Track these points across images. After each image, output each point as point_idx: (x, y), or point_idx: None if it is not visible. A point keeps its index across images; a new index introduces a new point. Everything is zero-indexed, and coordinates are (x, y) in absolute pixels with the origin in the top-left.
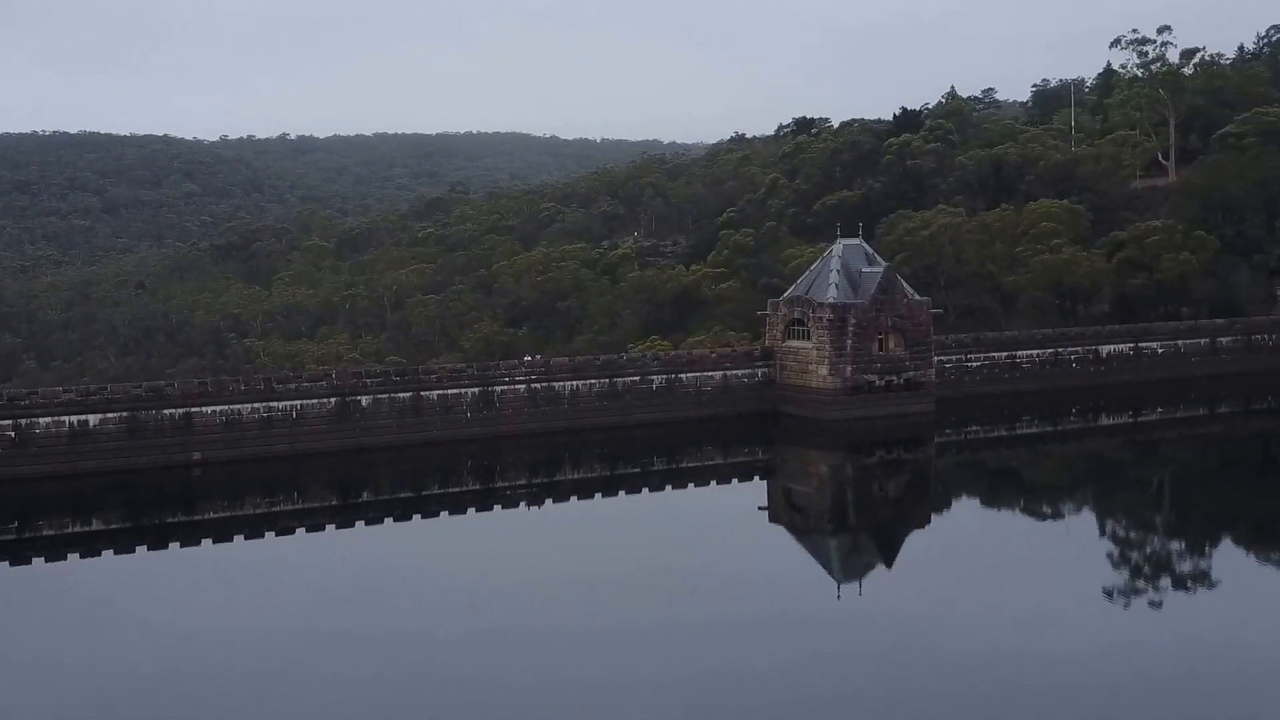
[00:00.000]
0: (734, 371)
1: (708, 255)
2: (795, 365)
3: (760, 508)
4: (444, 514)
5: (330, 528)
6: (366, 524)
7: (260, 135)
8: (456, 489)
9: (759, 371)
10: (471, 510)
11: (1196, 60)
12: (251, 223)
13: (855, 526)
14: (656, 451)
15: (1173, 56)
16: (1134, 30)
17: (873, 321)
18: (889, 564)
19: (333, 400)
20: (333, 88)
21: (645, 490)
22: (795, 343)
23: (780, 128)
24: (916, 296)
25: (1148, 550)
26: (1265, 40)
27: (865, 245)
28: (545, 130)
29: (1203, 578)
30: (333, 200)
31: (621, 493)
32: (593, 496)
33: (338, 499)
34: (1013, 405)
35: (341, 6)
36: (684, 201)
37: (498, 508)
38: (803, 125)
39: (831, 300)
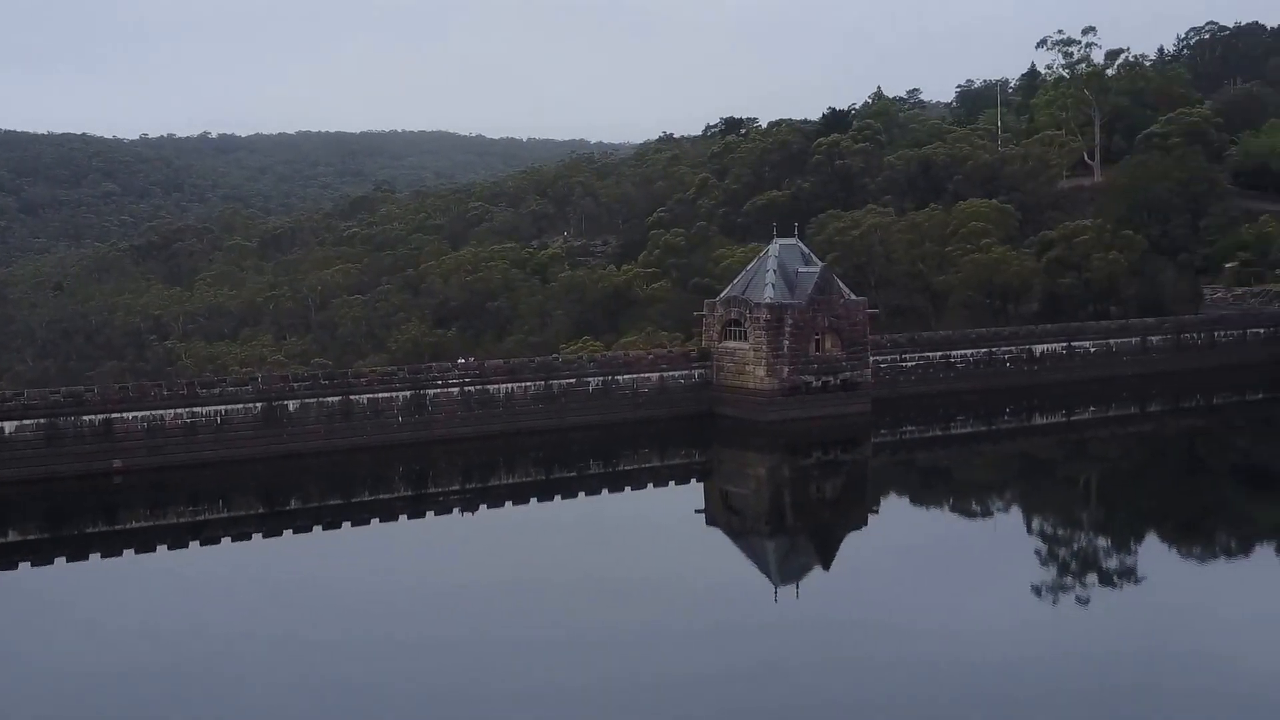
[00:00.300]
0: (671, 373)
1: (638, 255)
2: (732, 366)
3: (697, 511)
4: (375, 521)
5: (257, 537)
6: (295, 532)
7: (181, 134)
8: (388, 495)
9: (696, 373)
10: (403, 517)
11: (1120, 61)
12: (172, 222)
13: (793, 528)
14: (593, 454)
15: (1098, 57)
16: (1060, 31)
17: (810, 322)
18: (826, 566)
19: (259, 405)
20: (255, 86)
21: (582, 494)
22: (732, 343)
23: (708, 128)
24: (853, 296)
25: (1076, 548)
26: (1184, 43)
27: (801, 245)
28: (471, 129)
29: (1129, 574)
30: (255, 199)
31: (557, 497)
32: (528, 501)
33: (265, 507)
34: (948, 405)
35: (262, 3)
36: (614, 201)
37: (430, 514)
38: (731, 125)
39: (768, 300)
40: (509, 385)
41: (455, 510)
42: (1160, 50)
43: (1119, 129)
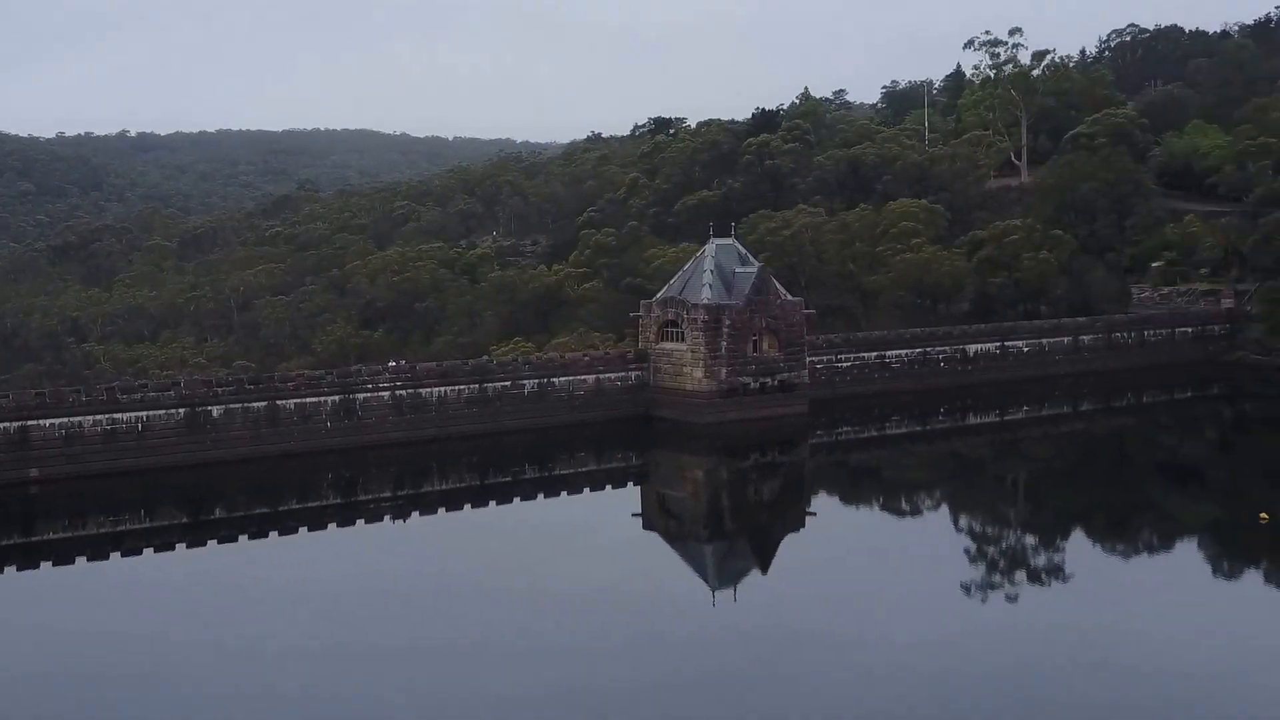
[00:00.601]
0: (607, 375)
1: (569, 255)
2: (670, 368)
3: (634, 515)
4: (302, 530)
5: (180, 547)
6: (219, 543)
7: (99, 132)
8: (316, 503)
9: (633, 374)
10: (332, 526)
11: (1047, 62)
12: (90, 222)
13: (731, 532)
14: (529, 459)
15: (1024, 58)
16: (987, 32)
17: (747, 323)
18: (764, 569)
19: (181, 411)
20: (174, 84)
21: (517, 500)
22: (670, 345)
23: (636, 127)
24: (790, 297)
25: (1006, 547)
26: (1105, 44)
27: (739, 245)
28: (395, 128)
29: (1058, 572)
30: (175, 199)
31: (492, 503)
32: (461, 508)
33: (188, 516)
34: (883, 405)
35: (180, 0)
36: (543, 201)
37: (360, 522)
38: (660, 125)
39: (706, 301)
40: (442, 388)
41: (386, 518)
42: (1082, 52)
43: (1044, 130)
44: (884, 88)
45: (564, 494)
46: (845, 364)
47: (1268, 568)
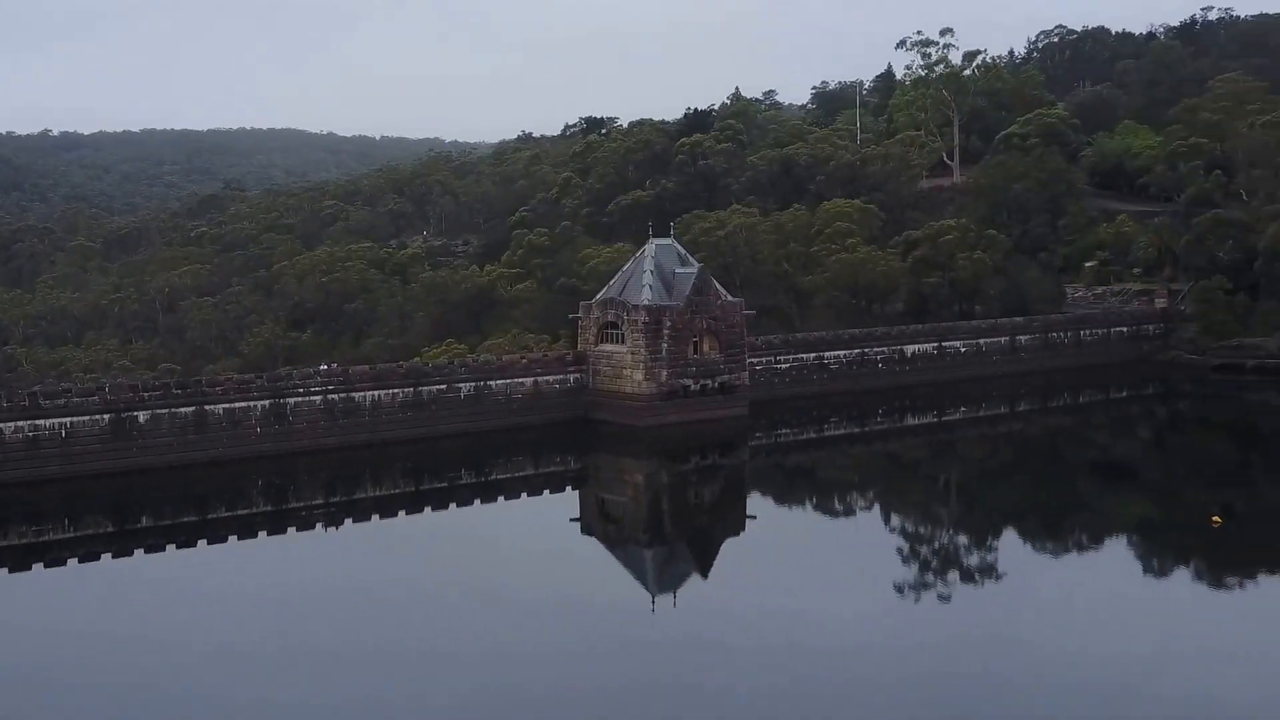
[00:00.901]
0: (545, 378)
1: (502, 255)
2: (609, 370)
3: (572, 519)
4: (232, 539)
5: (105, 557)
6: (146, 552)
7: (20, 131)
8: (246, 511)
9: (571, 377)
10: (263, 534)
11: (978, 62)
12: (12, 223)
13: (671, 536)
14: (465, 464)
15: (956, 58)
16: (919, 32)
17: (688, 324)
18: (705, 574)
19: (107, 417)
20: (97, 83)
21: (453, 505)
22: (609, 346)
23: (567, 127)
24: (730, 298)
25: (939, 547)
26: (1034, 45)
27: (678, 245)
28: (322, 127)
29: (991, 571)
30: (99, 199)
31: (427, 509)
32: (396, 514)
33: (114, 525)
34: (821, 407)
35: None
36: (474, 200)
37: (292, 530)
38: (592, 125)
39: (646, 302)
40: (375, 392)
41: (319, 525)
42: (1011, 53)
43: (975, 130)
44: (814, 88)
45: (501, 499)
46: (784, 365)
47: (1202, 568)
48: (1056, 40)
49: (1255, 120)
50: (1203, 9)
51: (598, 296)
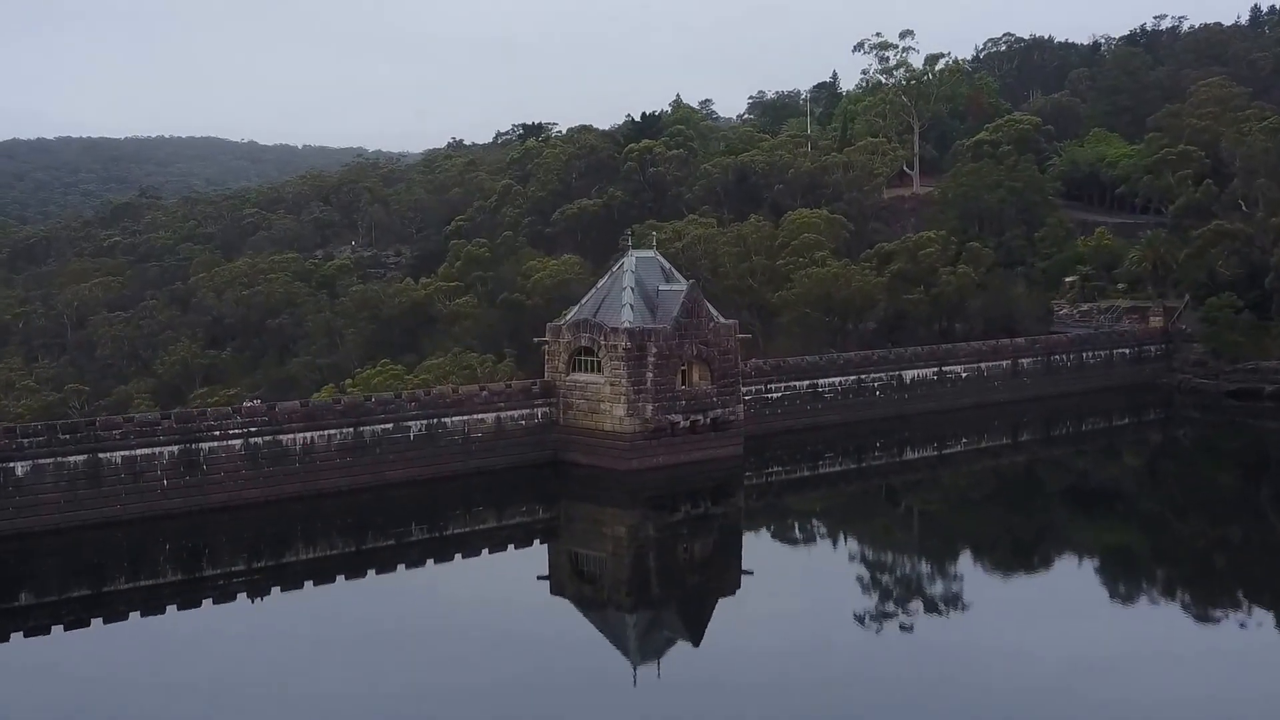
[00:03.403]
0: (509, 412)
1: (438, 267)
2: (584, 404)
3: (540, 578)
4: (134, 615)
5: None
6: (26, 636)
7: None
8: (150, 581)
9: (539, 411)
10: (171, 609)
11: (941, 66)
12: None
13: (656, 597)
14: (416, 517)
15: (916, 62)
16: (878, 34)
17: (676, 350)
18: (695, 641)
19: None
20: (8, 90)
21: (401, 567)
22: (583, 376)
23: (499, 135)
24: (722, 319)
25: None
26: (981, 53)
27: (661, 259)
28: (243, 135)
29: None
30: (10, 208)
31: (371, 572)
32: (333, 580)
33: None
34: (816, 441)
35: (14, 4)
36: (405, 209)
37: (207, 603)
38: (531, 130)
39: (627, 325)
40: (308, 434)
41: (240, 596)
42: (956, 62)
43: (930, 138)
44: (751, 98)
45: (458, 557)
46: (775, 395)
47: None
48: (1004, 49)
49: (1253, 126)
50: (1155, 17)
51: (568, 317)
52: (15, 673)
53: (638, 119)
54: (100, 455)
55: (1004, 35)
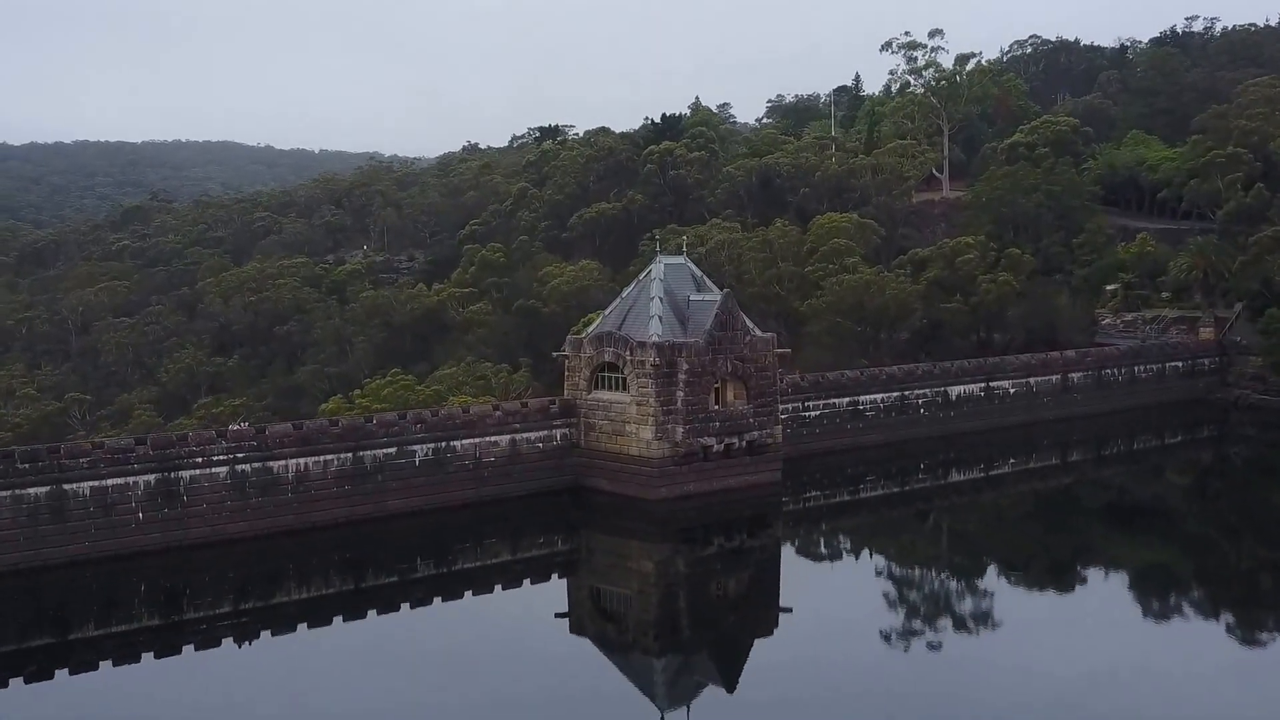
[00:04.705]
0: (525, 434)
1: (451, 273)
2: (608, 425)
3: (559, 615)
4: (104, 665)
5: None
6: None
7: None
8: (124, 627)
9: (558, 433)
10: (148, 657)
11: (971, 66)
12: None
13: (686, 639)
14: (422, 551)
15: (945, 62)
16: (906, 33)
17: (709, 366)
18: (730, 687)
19: None
20: (27, 92)
21: (405, 607)
22: (607, 394)
23: (515, 137)
24: (759, 332)
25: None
26: (1005, 55)
27: (692, 266)
28: (259, 140)
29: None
30: (26, 211)
31: (371, 613)
32: (330, 622)
33: None
34: (856, 463)
35: (37, 5)
36: (419, 213)
37: (188, 649)
38: (548, 132)
39: (656, 338)
40: (301, 460)
41: (225, 641)
42: (987, 63)
43: (958, 141)
44: (769, 101)
45: (468, 594)
46: (813, 413)
47: None
48: (1030, 51)
49: None
50: (1187, 19)
51: (591, 330)
52: None
53: (658, 120)
54: (65, 486)
55: (1030, 38)
